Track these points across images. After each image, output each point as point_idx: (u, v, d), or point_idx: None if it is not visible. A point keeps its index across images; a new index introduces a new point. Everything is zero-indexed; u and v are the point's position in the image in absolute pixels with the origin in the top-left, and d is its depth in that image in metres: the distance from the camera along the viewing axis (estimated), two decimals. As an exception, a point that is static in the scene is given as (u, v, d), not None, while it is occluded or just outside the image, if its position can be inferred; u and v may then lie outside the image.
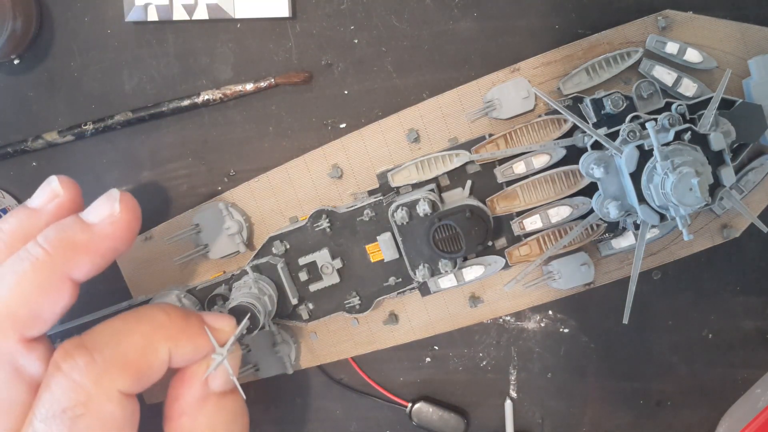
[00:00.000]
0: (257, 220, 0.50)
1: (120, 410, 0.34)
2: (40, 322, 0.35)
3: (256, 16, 0.49)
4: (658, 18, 0.46)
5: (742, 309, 0.51)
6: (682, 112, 0.43)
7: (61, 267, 0.36)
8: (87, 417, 0.33)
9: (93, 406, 0.33)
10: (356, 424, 0.54)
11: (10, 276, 0.35)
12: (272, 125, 0.51)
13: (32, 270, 0.35)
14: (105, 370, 0.34)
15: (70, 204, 0.38)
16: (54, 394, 0.33)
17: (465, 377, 0.53)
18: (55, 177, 0.39)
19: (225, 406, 0.39)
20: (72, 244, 0.36)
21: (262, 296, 0.44)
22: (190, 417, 0.38)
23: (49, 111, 0.52)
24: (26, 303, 0.35)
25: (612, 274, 0.49)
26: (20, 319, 0.35)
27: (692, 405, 0.52)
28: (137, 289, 0.51)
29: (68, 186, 0.38)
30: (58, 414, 0.33)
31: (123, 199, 0.38)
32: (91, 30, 0.51)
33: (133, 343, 0.36)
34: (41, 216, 0.38)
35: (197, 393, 0.39)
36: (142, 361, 0.36)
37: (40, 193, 0.39)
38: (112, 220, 0.37)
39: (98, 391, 0.34)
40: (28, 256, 0.35)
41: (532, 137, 0.46)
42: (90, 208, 0.38)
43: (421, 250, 0.45)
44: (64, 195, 0.38)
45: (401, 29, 0.49)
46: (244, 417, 0.41)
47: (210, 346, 0.38)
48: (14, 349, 0.35)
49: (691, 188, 0.38)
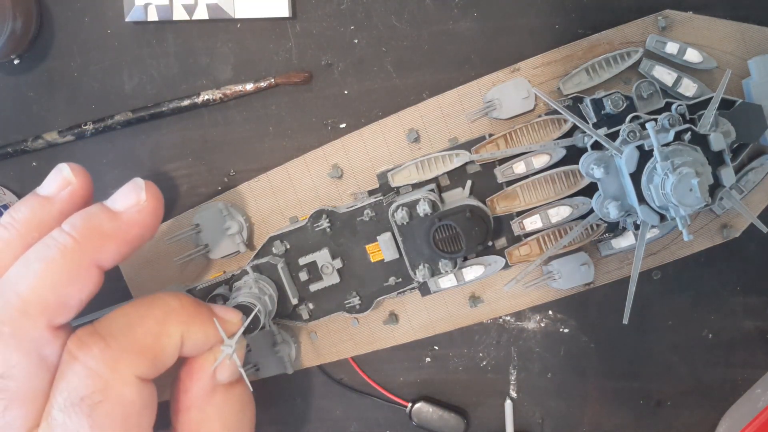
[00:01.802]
0: (257, 220, 0.50)
1: (138, 395, 0.34)
2: (68, 310, 0.35)
3: (256, 16, 0.49)
4: (658, 18, 0.46)
5: (742, 309, 0.51)
6: (682, 113, 0.43)
7: (89, 254, 0.36)
8: (106, 404, 0.33)
9: (111, 392, 0.33)
10: (356, 424, 0.54)
11: (38, 263, 0.35)
12: (272, 125, 0.51)
13: (61, 257, 0.35)
14: (121, 355, 0.34)
15: (83, 192, 0.38)
16: (71, 382, 0.33)
17: (465, 377, 0.53)
18: (65, 164, 0.38)
19: (233, 397, 0.40)
20: (100, 231, 0.36)
21: (263, 296, 0.44)
22: (199, 409, 0.39)
23: (49, 111, 0.52)
24: (55, 290, 0.35)
25: (612, 274, 0.49)
26: (49, 306, 0.35)
27: (692, 405, 0.52)
28: (137, 289, 0.51)
29: (80, 174, 0.38)
30: (76, 402, 0.33)
31: (148, 187, 0.38)
32: (91, 30, 0.51)
33: (147, 328, 0.36)
34: (54, 204, 0.37)
35: (205, 385, 0.39)
36: (157, 345, 0.36)
37: (52, 181, 0.38)
38: (139, 208, 0.37)
39: (115, 377, 0.34)
40: (56, 243, 0.35)
41: (532, 137, 0.46)
42: (115, 196, 0.38)
43: (422, 250, 0.45)
44: (77, 182, 0.38)
45: (401, 29, 0.49)
46: (251, 408, 0.41)
47: (218, 336, 0.38)
48: (42, 336, 0.34)
49: (691, 189, 0.38)
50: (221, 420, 0.39)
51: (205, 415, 0.39)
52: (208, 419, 0.39)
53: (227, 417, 0.39)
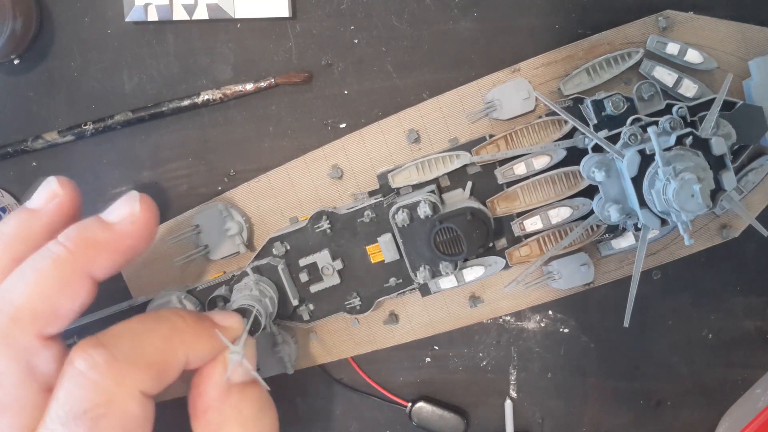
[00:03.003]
0: (257, 220, 0.50)
1: (141, 411, 0.34)
2: (59, 320, 0.35)
3: (256, 16, 0.49)
4: (659, 18, 0.46)
5: (742, 309, 0.51)
6: (683, 115, 0.43)
7: (81, 264, 0.36)
8: (109, 417, 0.33)
9: (115, 406, 0.33)
10: (356, 424, 0.54)
11: (31, 273, 0.35)
12: (272, 125, 0.51)
13: (53, 266, 0.35)
14: (127, 369, 0.34)
15: (70, 203, 0.38)
16: (73, 394, 0.33)
17: (465, 377, 0.53)
18: (53, 177, 0.39)
19: (249, 396, 0.39)
20: (93, 242, 0.36)
21: (263, 298, 0.44)
22: (216, 410, 0.39)
23: (49, 111, 0.52)
24: (46, 299, 0.35)
25: (612, 274, 0.49)
26: (40, 315, 0.34)
27: (692, 405, 0.52)
28: (137, 289, 0.51)
29: (66, 186, 0.39)
30: (79, 415, 0.32)
31: (143, 199, 0.38)
32: (91, 30, 0.51)
33: (154, 344, 0.35)
34: (41, 216, 0.38)
35: (219, 386, 0.39)
36: (163, 361, 0.35)
37: (39, 194, 0.39)
38: (133, 219, 0.37)
39: (120, 391, 0.33)
40: (49, 253, 0.35)
41: (532, 138, 0.46)
42: (110, 208, 0.38)
43: (422, 252, 0.45)
44: (63, 195, 0.38)
45: (401, 29, 0.49)
46: (271, 411, 0.41)
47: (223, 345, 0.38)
48: (32, 344, 0.34)
49: (693, 195, 0.38)
50: (239, 420, 0.39)
51: (222, 416, 0.39)
52: (227, 420, 0.38)
53: (246, 417, 0.39)
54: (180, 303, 0.46)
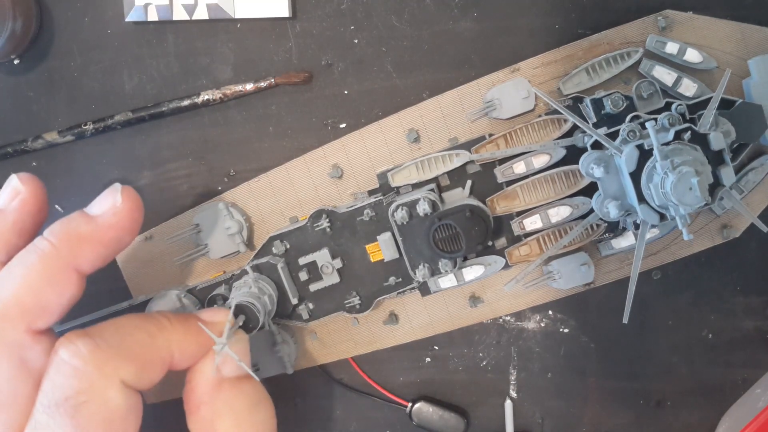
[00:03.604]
0: (257, 220, 0.50)
1: (123, 401, 0.34)
2: (48, 314, 0.36)
3: (256, 16, 0.49)
4: (658, 18, 0.46)
5: (742, 309, 0.51)
6: (682, 112, 0.43)
7: (66, 258, 0.36)
8: (90, 404, 0.33)
9: (96, 393, 0.33)
10: (356, 424, 0.54)
11: (18, 268, 0.36)
12: (272, 125, 0.51)
13: (39, 261, 0.35)
14: (109, 357, 0.34)
15: (33, 199, 0.39)
16: (55, 382, 0.33)
17: (465, 377, 0.53)
18: (14, 175, 0.39)
19: (242, 390, 0.40)
20: (76, 235, 0.37)
21: (262, 296, 0.44)
22: (209, 404, 0.39)
23: (49, 111, 0.52)
24: (34, 294, 0.35)
25: (612, 274, 0.49)
26: (28, 310, 0.35)
27: (692, 405, 0.52)
28: (137, 289, 0.51)
29: (28, 182, 0.39)
30: (60, 402, 0.33)
31: (125, 190, 0.39)
32: (91, 30, 0.51)
33: (138, 338, 0.36)
34: (6, 215, 0.38)
35: (210, 381, 0.39)
36: (146, 355, 0.36)
37: (2, 194, 0.39)
38: (115, 210, 0.38)
39: (101, 378, 0.34)
40: (35, 249, 0.36)
41: (532, 137, 0.46)
42: (93, 202, 0.39)
43: (421, 250, 0.45)
44: (25, 191, 0.38)
45: (401, 29, 0.49)
46: (267, 404, 0.41)
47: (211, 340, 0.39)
48: (21, 339, 0.35)
49: (690, 188, 0.38)
50: (233, 414, 0.39)
51: (215, 410, 0.39)
52: (220, 415, 0.39)
53: (239, 411, 0.39)
54: (179, 302, 0.46)
